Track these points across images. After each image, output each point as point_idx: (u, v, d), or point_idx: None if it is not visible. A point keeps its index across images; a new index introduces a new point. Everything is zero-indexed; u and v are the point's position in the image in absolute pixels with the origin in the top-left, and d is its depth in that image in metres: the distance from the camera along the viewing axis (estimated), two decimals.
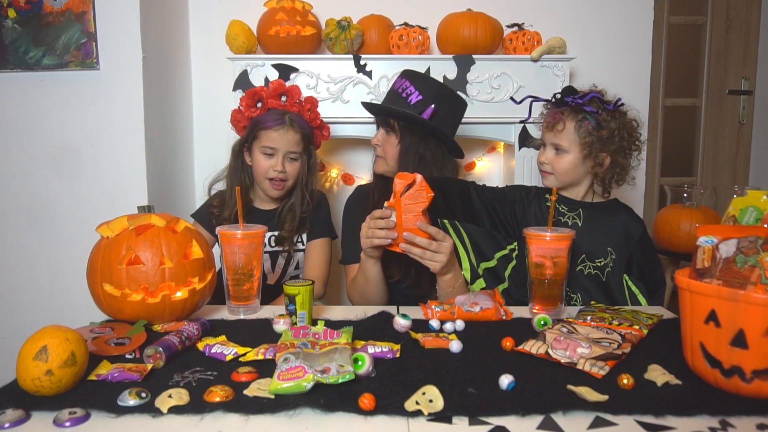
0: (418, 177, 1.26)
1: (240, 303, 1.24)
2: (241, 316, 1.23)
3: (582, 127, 1.42)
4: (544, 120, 1.51)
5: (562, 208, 1.50)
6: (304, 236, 1.72)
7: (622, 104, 1.46)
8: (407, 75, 1.55)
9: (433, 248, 1.29)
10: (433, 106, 1.48)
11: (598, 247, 1.46)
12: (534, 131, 2.07)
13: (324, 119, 2.07)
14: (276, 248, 1.70)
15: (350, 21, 2.04)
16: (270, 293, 1.60)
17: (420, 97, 1.51)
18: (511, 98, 1.72)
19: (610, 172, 1.47)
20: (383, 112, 1.56)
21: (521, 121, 2.00)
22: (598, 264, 1.45)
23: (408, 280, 1.50)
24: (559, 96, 1.47)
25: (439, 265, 1.31)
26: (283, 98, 1.70)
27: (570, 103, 1.44)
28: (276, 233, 1.68)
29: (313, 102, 1.74)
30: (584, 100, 1.43)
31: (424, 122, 1.48)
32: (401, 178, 1.28)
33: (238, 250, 1.22)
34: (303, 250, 1.73)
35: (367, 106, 1.61)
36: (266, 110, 1.68)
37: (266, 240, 1.67)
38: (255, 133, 1.63)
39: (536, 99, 1.54)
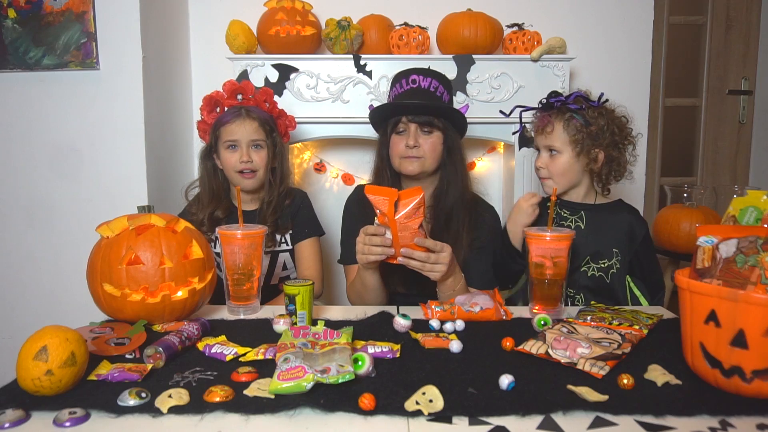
0: (419, 196, 1.22)
1: (240, 303, 1.24)
2: (241, 316, 1.23)
3: (570, 125, 1.45)
4: (533, 125, 1.54)
5: (564, 213, 1.51)
6: (288, 236, 1.70)
7: (606, 100, 1.48)
8: (436, 75, 1.55)
9: (431, 260, 1.28)
10: (467, 104, 1.55)
11: (602, 248, 1.47)
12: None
13: (324, 119, 2.09)
14: None
15: (350, 21, 2.04)
16: (264, 296, 1.59)
17: (447, 95, 1.56)
18: (501, 111, 1.73)
19: (606, 168, 1.48)
20: (442, 113, 1.52)
21: (514, 133, 2.00)
22: (602, 265, 1.46)
23: (413, 291, 1.50)
24: (545, 101, 1.50)
25: (438, 274, 1.30)
26: (239, 96, 1.71)
27: (555, 104, 1.47)
28: None
29: (268, 93, 1.74)
30: (569, 99, 1.46)
31: (463, 118, 1.53)
32: (377, 194, 1.24)
33: (238, 250, 1.22)
34: (288, 251, 1.71)
35: (417, 106, 1.51)
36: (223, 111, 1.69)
37: None
38: (217, 133, 1.64)
39: (525, 108, 1.56)
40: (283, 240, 1.70)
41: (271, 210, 1.65)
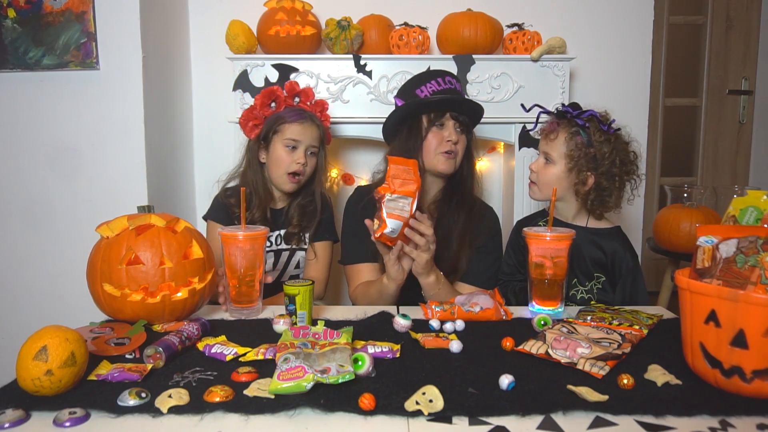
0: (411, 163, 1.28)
1: (242, 306, 1.23)
2: (242, 317, 1.23)
3: (572, 140, 1.43)
4: (540, 129, 1.53)
5: None
6: (307, 235, 1.73)
7: (618, 129, 1.45)
8: (459, 83, 1.60)
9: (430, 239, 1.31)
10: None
11: (586, 271, 1.46)
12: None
13: None
14: (281, 246, 1.70)
15: (350, 21, 2.04)
16: (270, 293, 1.61)
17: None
18: (522, 105, 1.73)
19: (593, 194, 1.45)
20: (478, 118, 1.61)
21: (529, 131, 2.02)
22: (588, 287, 1.46)
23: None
24: (561, 107, 1.48)
25: (427, 256, 1.32)
26: (296, 99, 1.73)
27: (567, 116, 1.45)
28: (283, 231, 1.69)
29: (323, 105, 1.77)
30: (582, 116, 1.44)
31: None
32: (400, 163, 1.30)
33: (239, 252, 1.20)
34: (304, 249, 1.74)
35: (472, 106, 1.57)
36: (282, 108, 1.69)
37: (273, 239, 1.68)
38: (276, 128, 1.64)
39: (544, 110, 1.55)
40: (303, 238, 1.73)
41: (299, 212, 1.69)
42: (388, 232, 1.26)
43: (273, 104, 1.70)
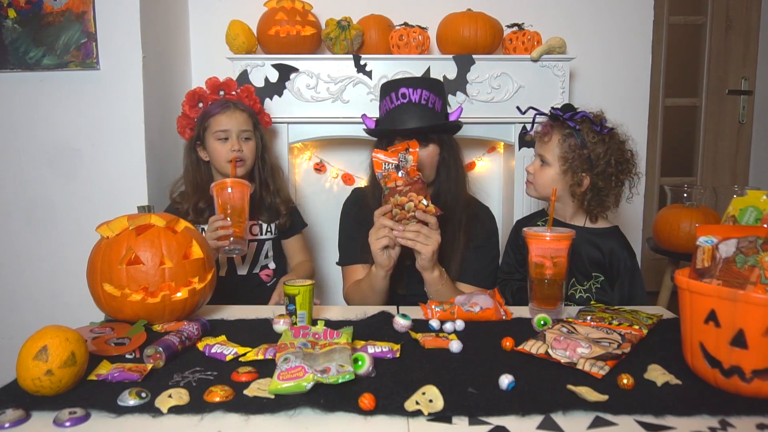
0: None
1: (237, 245, 1.46)
2: (236, 253, 1.50)
3: (566, 142, 1.43)
4: (535, 131, 1.54)
5: None
6: (273, 225, 1.77)
7: (612, 129, 1.44)
8: (425, 84, 1.49)
9: (425, 231, 1.31)
10: (461, 106, 1.56)
11: (584, 271, 1.46)
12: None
13: (324, 119, 2.09)
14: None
15: (350, 21, 2.04)
16: (243, 284, 1.71)
17: (440, 102, 1.51)
18: (517, 107, 1.73)
19: (589, 194, 1.45)
20: (437, 130, 1.50)
21: (526, 132, 2.01)
22: (586, 286, 1.47)
23: (412, 291, 1.50)
24: (558, 109, 1.48)
25: (432, 248, 1.31)
26: (221, 92, 1.79)
27: (560, 117, 1.45)
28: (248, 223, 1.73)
29: (249, 90, 1.82)
30: (575, 117, 1.43)
31: (456, 128, 1.55)
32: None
33: (229, 195, 1.46)
34: (271, 239, 1.78)
35: (407, 131, 1.47)
36: (207, 105, 1.76)
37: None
38: (205, 124, 1.69)
39: (539, 112, 1.55)
40: (268, 229, 1.77)
41: (263, 199, 1.75)
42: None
43: (200, 104, 1.76)
